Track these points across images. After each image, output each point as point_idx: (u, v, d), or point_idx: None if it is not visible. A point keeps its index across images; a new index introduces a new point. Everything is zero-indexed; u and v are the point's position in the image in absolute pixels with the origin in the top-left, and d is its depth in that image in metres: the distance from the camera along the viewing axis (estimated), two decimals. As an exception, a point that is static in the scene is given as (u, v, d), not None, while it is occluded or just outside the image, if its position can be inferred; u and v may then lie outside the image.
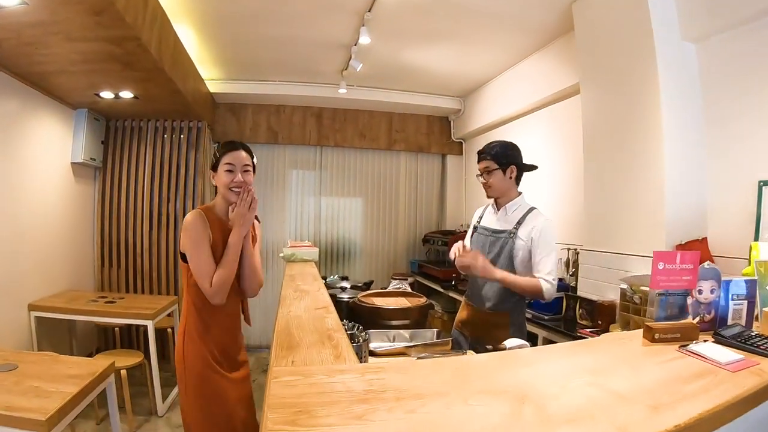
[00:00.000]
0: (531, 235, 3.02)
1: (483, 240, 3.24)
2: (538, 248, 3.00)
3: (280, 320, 2.02)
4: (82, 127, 5.65)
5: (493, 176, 3.13)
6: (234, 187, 2.72)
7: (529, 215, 3.11)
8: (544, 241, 3.00)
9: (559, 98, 5.14)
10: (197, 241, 2.60)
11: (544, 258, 2.99)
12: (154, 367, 4.80)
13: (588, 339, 2.07)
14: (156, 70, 4.30)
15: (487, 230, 3.26)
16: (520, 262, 3.06)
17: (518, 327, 3.13)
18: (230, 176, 2.71)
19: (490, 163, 3.12)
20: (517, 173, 3.18)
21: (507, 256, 3.07)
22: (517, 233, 3.07)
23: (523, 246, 3.04)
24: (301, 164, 7.65)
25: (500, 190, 3.17)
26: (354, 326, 2.29)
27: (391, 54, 5.59)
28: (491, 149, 3.14)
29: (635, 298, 3.36)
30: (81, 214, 6.01)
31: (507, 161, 3.12)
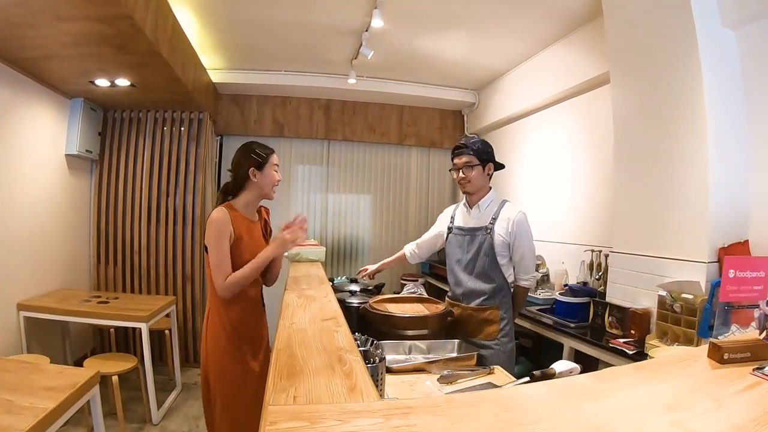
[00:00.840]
0: (509, 228, 3.11)
1: (459, 240, 3.29)
2: (515, 243, 3.12)
3: (281, 335, 1.71)
4: (78, 118, 5.39)
5: (474, 171, 3.17)
6: (276, 186, 3.08)
7: (503, 209, 3.18)
8: (520, 233, 3.12)
9: (584, 89, 4.83)
10: (219, 237, 2.81)
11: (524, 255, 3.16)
12: (149, 372, 4.50)
13: (648, 361, 1.75)
14: (152, 54, 4.03)
15: (462, 230, 3.29)
16: (500, 255, 3.13)
17: (509, 320, 3.18)
18: (277, 175, 3.07)
19: (472, 158, 3.16)
20: (492, 171, 3.28)
21: (487, 254, 3.12)
22: (493, 229, 3.13)
23: (502, 241, 3.12)
24: (308, 159, 7.36)
25: (477, 186, 3.22)
26: (367, 340, 1.98)
27: (404, 41, 5.29)
28: (473, 144, 3.19)
29: (675, 307, 3.07)
30: (76, 209, 5.76)
31: (487, 158, 3.20)
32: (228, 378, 2.89)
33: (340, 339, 1.67)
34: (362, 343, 1.95)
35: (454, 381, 2.17)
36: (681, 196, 3.31)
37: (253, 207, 3.12)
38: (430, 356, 2.61)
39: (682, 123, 3.28)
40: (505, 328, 3.13)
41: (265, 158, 2.99)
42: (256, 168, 2.98)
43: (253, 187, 3.02)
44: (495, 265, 3.12)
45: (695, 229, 3.21)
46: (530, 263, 3.22)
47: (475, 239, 3.16)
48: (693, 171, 3.22)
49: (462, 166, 3.17)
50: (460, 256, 3.25)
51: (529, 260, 3.20)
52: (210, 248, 2.84)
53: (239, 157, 3.02)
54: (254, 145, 3.04)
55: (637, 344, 3.26)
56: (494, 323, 3.09)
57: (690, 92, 3.22)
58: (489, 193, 3.26)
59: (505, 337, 3.12)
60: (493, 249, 3.10)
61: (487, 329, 3.08)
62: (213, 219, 2.85)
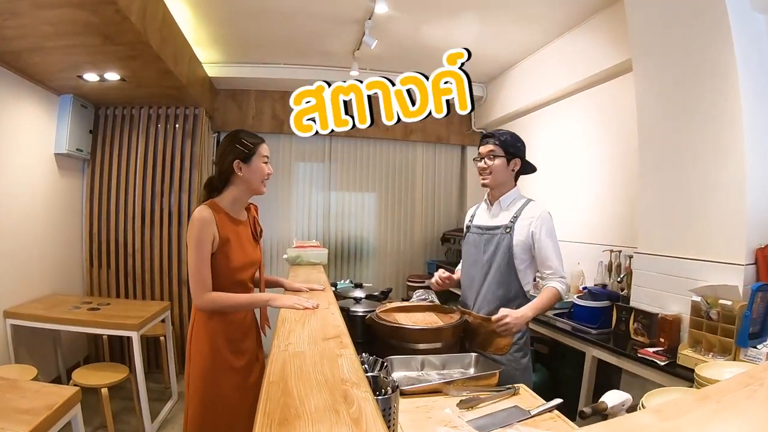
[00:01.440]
0: (531, 228, 2.77)
1: (477, 240, 2.98)
2: (542, 243, 2.75)
3: (274, 361, 1.44)
4: (67, 115, 5.16)
5: (497, 162, 2.87)
6: (265, 179, 2.76)
7: (526, 207, 2.85)
8: (547, 233, 2.77)
9: (601, 80, 4.60)
10: (199, 241, 2.50)
11: (552, 255, 2.77)
12: (141, 383, 4.24)
13: (712, 388, 1.47)
14: (141, 45, 3.80)
15: (480, 228, 2.98)
16: (519, 259, 2.78)
17: (523, 333, 2.80)
18: (267, 168, 2.74)
19: (496, 148, 2.87)
20: (519, 169, 2.94)
21: (504, 255, 2.79)
22: (513, 228, 2.80)
23: (522, 242, 2.78)
24: (309, 156, 7.09)
25: (499, 179, 2.90)
26: (375, 362, 1.71)
27: (409, 30, 5.03)
28: (501, 135, 2.92)
29: (711, 314, 2.81)
30: (67, 211, 5.52)
31: (514, 152, 2.89)
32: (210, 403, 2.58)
33: (346, 367, 1.40)
34: (370, 366, 1.69)
35: (475, 406, 1.90)
36: (714, 192, 3.06)
37: (240, 204, 2.78)
38: (444, 372, 2.37)
39: (715, 113, 3.04)
40: (518, 342, 2.75)
41: (252, 149, 2.67)
42: (242, 160, 2.65)
43: (239, 181, 2.69)
44: (512, 270, 2.78)
45: (731, 228, 2.96)
46: (557, 263, 2.76)
47: (493, 239, 2.84)
48: (727, 165, 2.97)
49: (485, 155, 2.88)
50: (476, 258, 2.93)
51: (556, 259, 2.76)
52: (189, 252, 2.55)
53: (223, 148, 2.71)
54: (241, 134, 2.73)
55: (668, 354, 3.00)
56: (506, 336, 2.71)
57: (723, 80, 2.97)
58: (512, 190, 2.93)
59: (519, 352, 2.76)
60: (511, 251, 2.77)
61: (497, 341, 2.72)
62: (194, 219, 2.53)
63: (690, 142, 3.20)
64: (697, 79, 3.14)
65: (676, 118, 3.29)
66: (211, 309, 2.54)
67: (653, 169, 3.51)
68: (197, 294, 2.50)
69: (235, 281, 2.64)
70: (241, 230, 2.74)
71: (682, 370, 2.83)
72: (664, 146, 3.41)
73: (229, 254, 2.59)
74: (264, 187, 2.77)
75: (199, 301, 2.51)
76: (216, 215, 2.57)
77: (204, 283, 2.49)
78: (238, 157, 2.64)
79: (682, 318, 3.17)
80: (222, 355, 2.58)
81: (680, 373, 2.81)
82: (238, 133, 2.74)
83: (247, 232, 2.81)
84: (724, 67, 2.94)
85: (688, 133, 3.21)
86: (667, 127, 3.38)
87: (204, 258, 2.49)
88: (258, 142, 2.72)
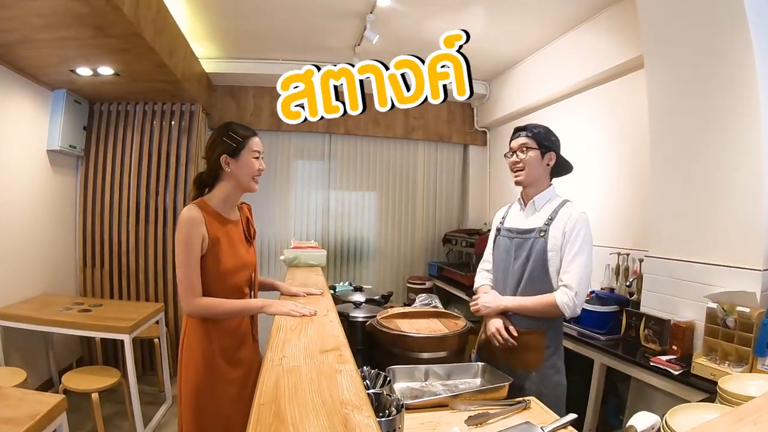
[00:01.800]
0: (564, 228, 2.48)
1: (507, 244, 2.69)
2: (568, 244, 2.46)
3: (266, 377, 1.31)
4: (60, 111, 5.05)
5: (530, 156, 2.59)
6: (257, 175, 2.55)
7: (563, 209, 2.56)
8: (576, 235, 2.45)
9: (610, 77, 4.47)
10: (188, 243, 2.34)
11: (573, 260, 2.43)
12: (133, 388, 4.09)
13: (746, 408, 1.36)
14: (134, 37, 3.66)
15: (511, 231, 2.69)
16: (554, 266, 2.49)
17: (555, 349, 2.55)
18: (257, 163, 2.54)
19: (530, 141, 2.61)
20: (554, 167, 2.67)
21: (538, 261, 2.51)
22: (548, 231, 2.51)
23: (557, 246, 2.49)
24: (308, 154, 6.93)
25: (533, 176, 2.62)
26: (377, 376, 1.58)
27: (412, 25, 4.89)
28: (534, 127, 2.66)
29: (728, 321, 2.68)
30: (60, 209, 5.39)
31: (548, 146, 2.62)
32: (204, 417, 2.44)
33: (346, 385, 1.27)
34: (371, 380, 1.56)
35: (485, 422, 1.77)
36: (730, 192, 2.93)
37: (231, 203, 2.59)
38: (449, 383, 2.23)
39: (731, 109, 2.91)
40: (550, 358, 2.50)
41: (240, 142, 2.48)
42: (230, 155, 2.46)
43: (228, 177, 2.50)
44: (546, 278, 2.49)
45: (747, 231, 2.83)
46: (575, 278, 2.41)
47: (525, 243, 2.57)
48: (744, 165, 2.84)
49: (517, 149, 2.63)
50: (507, 264, 2.65)
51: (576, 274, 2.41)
52: (177, 255, 2.38)
53: (211, 141, 2.53)
54: (231, 126, 2.54)
55: (682, 363, 2.87)
56: (537, 351, 2.48)
57: (739, 74, 2.84)
58: (548, 189, 2.66)
59: (551, 369, 2.49)
60: (545, 256, 2.49)
61: (526, 356, 2.49)
62: (182, 219, 2.36)
63: (704, 140, 3.07)
64: (712, 74, 3.01)
65: (690, 116, 3.16)
66: (202, 316, 2.40)
67: (666, 169, 3.38)
68: (186, 300, 2.35)
69: (230, 285, 2.49)
70: (233, 231, 2.57)
71: (696, 379, 2.70)
72: (677, 145, 3.27)
73: (219, 256, 2.43)
74: (255, 184, 2.57)
75: (188, 307, 2.36)
76: (205, 215, 2.41)
77: (193, 287, 2.34)
78: (225, 151, 2.47)
79: (695, 325, 3.04)
80: (216, 366, 2.44)
81: (694, 383, 2.68)
82: (228, 125, 2.56)
83: (239, 232, 2.63)
84: (740, 61, 2.82)
85: (703, 130, 3.08)
86: (680, 124, 3.25)
87: (193, 261, 2.35)
88: (248, 135, 2.53)
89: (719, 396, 1.90)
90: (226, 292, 2.46)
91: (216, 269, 2.41)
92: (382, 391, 1.44)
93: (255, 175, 2.53)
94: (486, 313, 2.57)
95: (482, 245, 5.77)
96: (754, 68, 2.75)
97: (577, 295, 2.37)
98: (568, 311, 2.38)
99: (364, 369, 1.56)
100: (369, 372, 1.58)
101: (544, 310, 2.45)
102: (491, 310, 2.54)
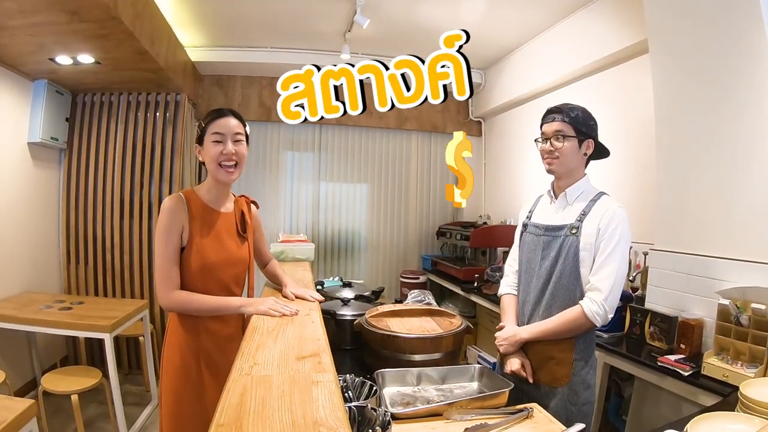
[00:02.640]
0: (599, 225, 2.21)
1: (535, 241, 2.41)
2: (602, 242, 2.19)
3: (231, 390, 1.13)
4: (41, 101, 4.87)
5: (567, 145, 2.30)
6: (224, 161, 2.28)
7: (599, 202, 2.29)
8: (612, 233, 2.18)
9: (612, 63, 4.33)
10: (167, 231, 2.22)
11: (606, 260, 2.17)
12: (115, 388, 3.94)
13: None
14: (112, 21, 3.49)
15: (539, 227, 2.41)
16: (585, 269, 2.23)
17: (586, 361, 2.27)
18: (219, 147, 2.27)
19: (566, 127, 2.30)
20: (592, 153, 2.40)
21: (570, 261, 2.24)
22: (581, 228, 2.24)
23: (591, 245, 2.21)
24: (298, 145, 6.75)
25: (568, 166, 2.35)
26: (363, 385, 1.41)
27: (404, 9, 4.74)
28: (571, 110, 2.33)
29: (742, 319, 2.51)
30: (43, 204, 5.22)
31: (587, 132, 2.34)
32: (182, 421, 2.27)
33: (322, 400, 1.09)
34: (355, 390, 1.38)
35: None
36: (744, 183, 2.75)
37: (216, 193, 2.41)
38: (444, 387, 2.07)
39: (743, 93, 2.73)
40: (579, 373, 2.24)
41: (204, 128, 2.30)
42: (198, 143, 2.34)
43: (206, 168, 2.37)
44: (576, 281, 2.24)
45: (761, 222, 2.66)
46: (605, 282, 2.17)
47: (555, 242, 2.31)
48: (757, 153, 2.67)
49: (551, 135, 2.33)
50: (535, 264, 2.40)
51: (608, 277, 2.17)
52: (156, 244, 2.25)
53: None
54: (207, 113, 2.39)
55: (691, 363, 2.69)
56: (565, 365, 2.24)
57: (751, 56, 2.66)
58: (581, 180, 2.39)
59: (580, 385, 2.24)
60: (577, 257, 2.23)
61: (553, 370, 2.26)
62: (163, 208, 2.25)
63: (715, 126, 2.90)
64: (721, 56, 2.83)
65: (699, 101, 2.99)
66: (176, 310, 2.26)
67: (672, 157, 3.21)
68: (162, 291, 2.21)
69: (214, 281, 2.30)
70: (221, 222, 2.39)
71: (706, 380, 2.53)
72: (685, 132, 3.10)
73: (201, 248, 2.27)
74: (223, 171, 2.31)
75: (163, 299, 2.22)
76: (190, 204, 2.29)
77: (170, 279, 2.20)
78: (196, 140, 2.37)
79: (705, 322, 2.87)
80: (193, 371, 2.29)
81: (705, 384, 2.51)
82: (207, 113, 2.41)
83: (230, 225, 2.43)
84: (752, 42, 2.64)
85: (713, 116, 2.90)
86: (687, 110, 3.08)
87: (171, 251, 2.21)
88: (212, 119, 2.31)
89: (741, 403, 1.74)
90: (211, 289, 2.28)
91: (198, 262, 2.25)
92: (366, 404, 1.27)
93: (219, 160, 2.28)
94: (505, 351, 2.35)
95: (477, 239, 5.67)
96: (766, 47, 2.57)
97: (607, 300, 2.14)
98: (600, 320, 2.15)
99: (347, 378, 1.39)
100: (353, 380, 1.41)
101: (573, 327, 2.20)
102: (508, 347, 2.33)
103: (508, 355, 2.34)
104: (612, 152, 4.12)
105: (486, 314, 5.27)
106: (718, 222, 2.89)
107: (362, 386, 1.41)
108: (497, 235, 5.65)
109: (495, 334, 2.42)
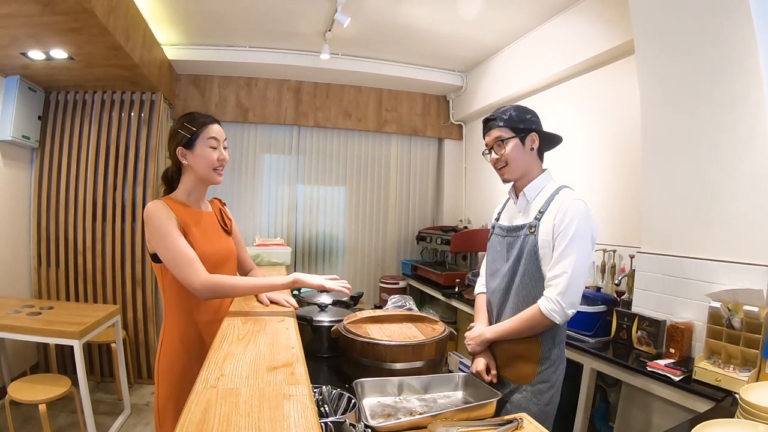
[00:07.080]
0: (554, 221, 2.16)
1: (500, 243, 2.42)
2: (558, 237, 2.14)
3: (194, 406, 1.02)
4: (13, 98, 4.78)
5: (509, 148, 2.29)
6: (219, 166, 2.35)
7: (556, 198, 2.24)
8: (568, 226, 2.12)
9: (597, 64, 4.27)
10: (164, 230, 2.14)
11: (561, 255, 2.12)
12: (85, 397, 3.78)
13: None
14: (84, 14, 3.39)
15: (503, 229, 2.42)
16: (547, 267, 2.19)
17: (552, 361, 2.24)
18: (215, 153, 2.33)
19: (503, 131, 2.30)
20: (540, 145, 2.36)
21: (531, 260, 2.21)
22: (538, 226, 2.21)
23: (549, 242, 2.17)
24: (275, 147, 6.61)
25: (520, 168, 2.33)
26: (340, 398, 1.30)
27: (386, 8, 4.63)
28: (503, 113, 2.33)
29: (734, 322, 2.45)
30: (13, 204, 5.09)
31: (525, 127, 2.31)
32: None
33: (294, 416, 0.98)
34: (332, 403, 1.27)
35: (469, 448, 1.50)
36: (732, 183, 2.69)
37: (197, 195, 2.41)
38: (427, 397, 1.97)
39: (732, 91, 2.67)
40: (545, 372, 2.21)
41: (195, 132, 2.29)
42: (185, 146, 2.29)
43: (188, 171, 2.34)
44: (539, 279, 2.20)
45: (751, 223, 2.60)
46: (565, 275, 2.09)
47: (516, 242, 2.29)
48: (747, 153, 2.61)
49: (492, 144, 2.33)
50: (499, 266, 2.39)
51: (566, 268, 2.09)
52: (159, 247, 2.15)
53: (170, 134, 2.36)
54: (187, 116, 2.37)
55: (682, 367, 2.62)
56: (531, 363, 2.22)
57: (741, 52, 2.61)
58: (540, 176, 2.35)
59: (543, 383, 2.21)
60: (537, 254, 2.18)
61: (519, 368, 2.25)
62: (148, 213, 2.16)
63: (703, 125, 2.84)
64: (709, 57, 2.78)
65: (687, 103, 2.93)
66: (212, 293, 2.14)
67: (659, 159, 3.14)
68: (191, 277, 2.08)
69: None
70: (206, 221, 2.40)
71: (698, 385, 2.46)
72: (672, 131, 3.04)
73: (198, 247, 2.21)
74: (218, 175, 2.37)
75: (196, 284, 2.08)
76: (173, 208, 2.23)
77: (194, 261, 2.11)
78: (180, 143, 2.31)
79: (694, 326, 2.81)
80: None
81: (697, 389, 2.43)
82: (185, 115, 2.39)
83: (214, 222, 2.47)
84: (741, 43, 2.59)
85: (701, 114, 2.84)
86: (675, 109, 3.02)
87: (181, 241, 2.13)
88: (205, 123, 2.33)
89: (741, 409, 1.66)
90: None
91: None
92: (344, 419, 1.16)
93: (215, 166, 2.34)
94: (472, 350, 2.34)
95: (458, 243, 5.58)
96: (756, 49, 2.52)
97: (563, 295, 2.07)
98: (558, 317, 2.08)
99: (323, 389, 1.28)
100: (329, 392, 1.30)
101: (532, 325, 2.16)
102: (475, 347, 2.33)
103: (476, 354, 2.34)
104: (597, 155, 4.07)
105: (467, 320, 5.18)
106: (706, 223, 2.83)
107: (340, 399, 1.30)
108: (478, 240, 5.56)
109: (464, 334, 2.43)
